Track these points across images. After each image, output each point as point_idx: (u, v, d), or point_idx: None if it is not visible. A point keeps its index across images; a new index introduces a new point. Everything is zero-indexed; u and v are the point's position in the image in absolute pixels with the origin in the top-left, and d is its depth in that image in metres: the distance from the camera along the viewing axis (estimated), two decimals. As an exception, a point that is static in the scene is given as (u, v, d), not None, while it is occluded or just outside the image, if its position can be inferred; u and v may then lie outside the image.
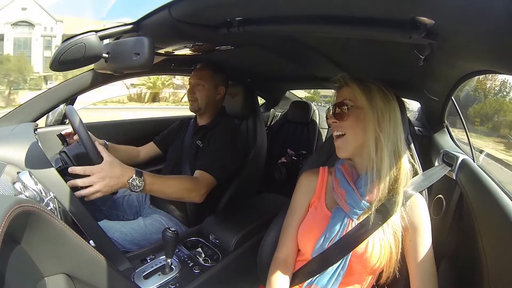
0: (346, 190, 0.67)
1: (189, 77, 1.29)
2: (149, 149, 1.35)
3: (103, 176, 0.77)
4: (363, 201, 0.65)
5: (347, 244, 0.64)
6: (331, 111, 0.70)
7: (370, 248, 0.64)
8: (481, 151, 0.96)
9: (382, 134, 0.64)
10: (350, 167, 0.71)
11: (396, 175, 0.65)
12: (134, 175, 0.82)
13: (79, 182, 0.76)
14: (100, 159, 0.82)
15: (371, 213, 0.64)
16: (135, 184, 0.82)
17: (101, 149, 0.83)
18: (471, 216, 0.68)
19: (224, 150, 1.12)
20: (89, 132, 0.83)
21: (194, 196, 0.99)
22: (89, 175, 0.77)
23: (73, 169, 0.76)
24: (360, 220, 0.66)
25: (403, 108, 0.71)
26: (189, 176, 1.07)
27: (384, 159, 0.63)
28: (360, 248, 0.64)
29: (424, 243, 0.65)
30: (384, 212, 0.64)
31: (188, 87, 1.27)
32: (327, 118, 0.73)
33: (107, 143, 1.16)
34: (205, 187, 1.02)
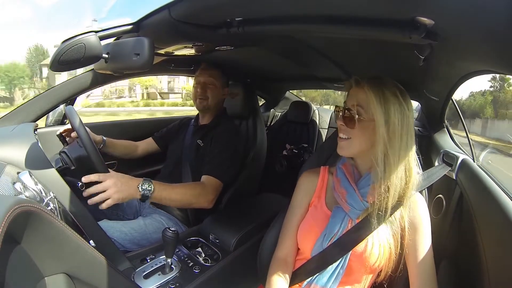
0: (347, 190, 0.67)
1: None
2: (147, 145, 1.35)
3: (115, 182, 0.79)
4: (364, 201, 0.65)
5: (346, 243, 0.65)
6: (341, 112, 0.67)
7: (369, 248, 0.64)
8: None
9: (391, 151, 0.61)
10: (352, 166, 0.71)
11: (404, 187, 0.63)
12: (143, 180, 0.85)
13: (93, 189, 0.77)
14: (98, 158, 0.82)
15: (371, 213, 0.64)
16: (145, 187, 0.84)
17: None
18: (471, 216, 0.68)
19: (227, 153, 1.13)
20: (87, 129, 0.83)
21: (203, 202, 1.00)
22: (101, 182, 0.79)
23: (87, 178, 0.78)
24: (360, 220, 0.66)
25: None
26: (196, 182, 1.07)
27: (391, 173, 0.61)
28: (360, 247, 0.64)
29: (424, 242, 0.65)
30: (384, 212, 0.64)
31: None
32: (336, 117, 0.70)
33: (104, 138, 1.17)
34: (213, 192, 1.04)
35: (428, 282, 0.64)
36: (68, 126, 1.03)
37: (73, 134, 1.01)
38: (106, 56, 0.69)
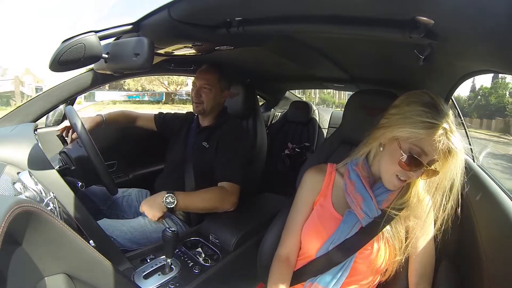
0: (364, 196, 0.65)
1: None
2: (146, 121, 1.37)
3: (146, 207, 0.97)
4: (378, 210, 0.65)
5: (352, 246, 0.64)
6: (422, 169, 0.58)
7: (375, 250, 0.64)
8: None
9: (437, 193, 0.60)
10: (367, 169, 0.68)
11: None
12: (166, 195, 0.97)
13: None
14: (98, 158, 0.83)
15: (380, 219, 0.64)
16: (168, 201, 0.97)
17: None
18: (471, 216, 0.68)
19: (239, 156, 1.16)
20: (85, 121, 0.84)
21: (227, 205, 1.07)
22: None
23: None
24: (367, 223, 0.65)
25: None
26: (216, 187, 1.10)
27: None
28: (366, 249, 0.64)
29: (427, 239, 0.65)
30: (391, 215, 0.64)
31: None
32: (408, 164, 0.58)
33: (104, 116, 1.20)
34: (235, 195, 1.09)
35: (425, 276, 0.65)
36: (66, 123, 1.04)
37: (74, 136, 1.02)
38: (106, 56, 0.69)
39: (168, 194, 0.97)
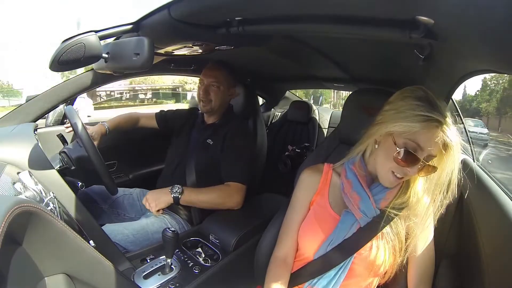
0: (360, 195, 0.65)
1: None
2: (147, 120, 1.36)
3: (151, 197, 1.02)
4: (376, 209, 0.64)
5: (350, 246, 0.64)
6: (418, 165, 0.56)
7: (374, 251, 0.63)
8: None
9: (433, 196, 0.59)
10: (364, 167, 0.67)
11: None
12: (172, 187, 1.01)
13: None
14: (99, 158, 0.83)
15: (379, 219, 0.63)
16: (175, 190, 1.01)
17: None
18: (471, 216, 0.68)
19: (245, 155, 1.14)
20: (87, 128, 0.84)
21: (230, 203, 1.08)
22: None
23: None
24: (366, 223, 0.65)
25: None
26: (221, 184, 1.10)
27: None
28: (364, 250, 0.63)
29: (427, 240, 0.65)
30: (391, 215, 0.64)
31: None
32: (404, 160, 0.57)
33: (107, 126, 1.20)
34: (240, 194, 1.09)
35: (425, 277, 0.65)
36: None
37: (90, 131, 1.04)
38: (106, 56, 0.69)
39: (175, 186, 1.01)
